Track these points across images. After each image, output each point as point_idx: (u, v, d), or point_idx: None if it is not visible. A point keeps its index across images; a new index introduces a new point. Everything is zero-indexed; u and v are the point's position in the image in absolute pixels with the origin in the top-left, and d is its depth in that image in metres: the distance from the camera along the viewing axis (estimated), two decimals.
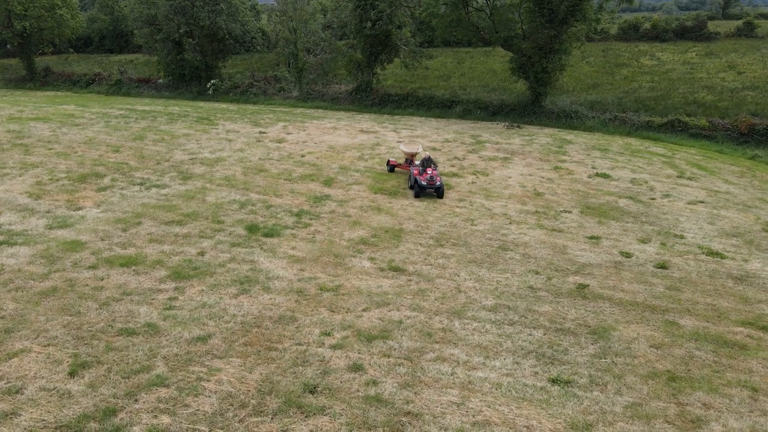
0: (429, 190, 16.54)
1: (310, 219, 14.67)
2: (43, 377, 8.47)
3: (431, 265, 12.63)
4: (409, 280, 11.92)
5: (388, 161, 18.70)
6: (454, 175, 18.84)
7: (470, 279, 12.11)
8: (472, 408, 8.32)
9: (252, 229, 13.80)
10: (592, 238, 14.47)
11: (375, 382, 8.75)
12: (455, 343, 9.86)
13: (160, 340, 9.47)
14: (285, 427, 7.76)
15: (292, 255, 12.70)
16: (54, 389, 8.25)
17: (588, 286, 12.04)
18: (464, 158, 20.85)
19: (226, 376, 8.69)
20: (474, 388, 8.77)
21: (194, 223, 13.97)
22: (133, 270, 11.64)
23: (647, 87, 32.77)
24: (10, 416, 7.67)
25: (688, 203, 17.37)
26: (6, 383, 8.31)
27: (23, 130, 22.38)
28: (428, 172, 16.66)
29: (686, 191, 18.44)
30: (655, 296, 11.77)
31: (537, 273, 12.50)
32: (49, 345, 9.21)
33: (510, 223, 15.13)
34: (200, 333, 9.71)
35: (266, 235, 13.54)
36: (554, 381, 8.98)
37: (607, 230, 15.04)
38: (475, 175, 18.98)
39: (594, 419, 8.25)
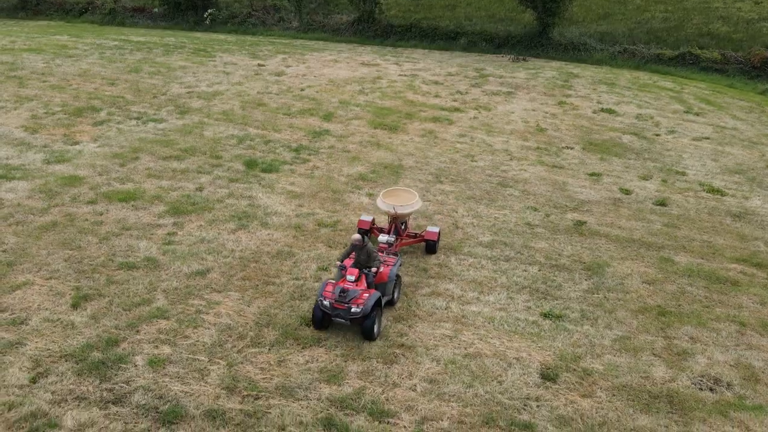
0: (338, 320, 8.35)
1: (309, 154, 14.56)
2: (46, 309, 8.69)
3: (430, 201, 12.62)
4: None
5: (360, 221, 10.67)
6: (456, 110, 18.50)
7: (468, 215, 12.13)
8: (464, 341, 8.54)
9: (250, 164, 13.73)
10: (592, 174, 14.35)
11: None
12: (450, 279, 10.00)
13: (159, 274, 9.63)
14: (282, 358, 8.01)
15: (291, 191, 12.69)
16: (58, 320, 8.48)
17: (586, 222, 12.05)
18: (467, 92, 20.41)
19: (224, 309, 8.90)
20: (467, 321, 8.97)
21: (192, 159, 13.90)
22: (132, 205, 11.69)
23: (660, 17, 31.52)
24: (15, 345, 7.93)
25: (693, 139, 17.09)
26: (11, 314, 8.54)
27: (16, 62, 21.90)
28: (348, 278, 8.48)
29: (692, 127, 18.10)
30: (652, 233, 11.80)
31: (535, 210, 12.50)
32: (51, 278, 9.39)
33: (510, 160, 14.99)
34: (199, 267, 9.86)
35: (265, 171, 13.48)
36: (546, 315, 9.16)
37: (609, 167, 14.90)
38: (477, 110, 18.64)
39: (582, 351, 8.48)
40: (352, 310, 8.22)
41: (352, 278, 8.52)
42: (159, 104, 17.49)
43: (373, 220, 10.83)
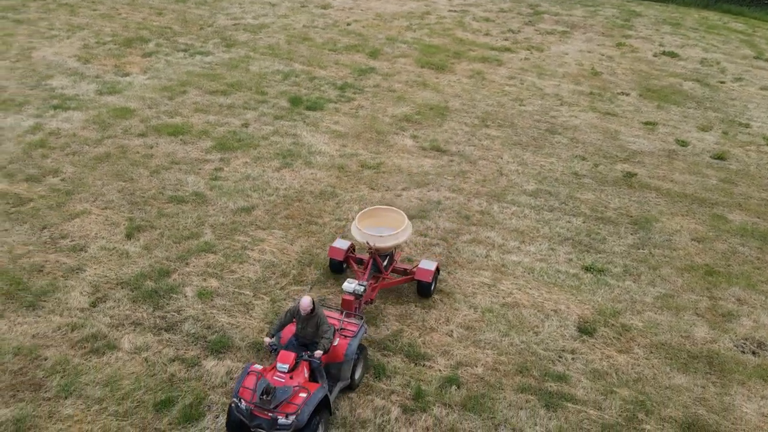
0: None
1: (354, 93, 14.37)
2: (103, 238, 9.13)
3: (474, 146, 12.39)
4: (451, 161, 11.80)
5: (331, 248, 8.46)
6: (507, 50, 17.75)
7: (513, 162, 11.88)
8: (502, 290, 8.59)
9: (295, 101, 13.68)
10: (647, 123, 13.73)
11: (410, 260, 9.05)
12: (492, 227, 9.95)
13: (207, 209, 9.92)
14: (323, 297, 8.26)
15: (335, 130, 12.65)
16: (113, 249, 8.91)
17: (636, 174, 11.65)
18: (519, 31, 19.48)
19: (268, 247, 9.16)
20: (507, 271, 8.98)
21: (238, 94, 13.93)
22: (181, 139, 11.91)
23: None
24: (76, 271, 8.42)
25: (761, 88, 16.01)
26: (71, 241, 9.02)
27: None
28: (278, 367, 6.04)
29: (762, 75, 16.91)
30: (707, 188, 11.34)
31: (584, 159, 12.13)
32: (106, 208, 9.80)
33: (561, 105, 14.44)
34: (244, 204, 10.09)
35: (309, 109, 13.43)
36: (587, 269, 9.07)
37: (666, 116, 14.19)
38: (528, 50, 17.84)
39: (622, 307, 8.42)
40: (280, 421, 5.69)
41: (285, 368, 5.93)
42: (205, 36, 17.41)
43: (351, 246, 8.43)
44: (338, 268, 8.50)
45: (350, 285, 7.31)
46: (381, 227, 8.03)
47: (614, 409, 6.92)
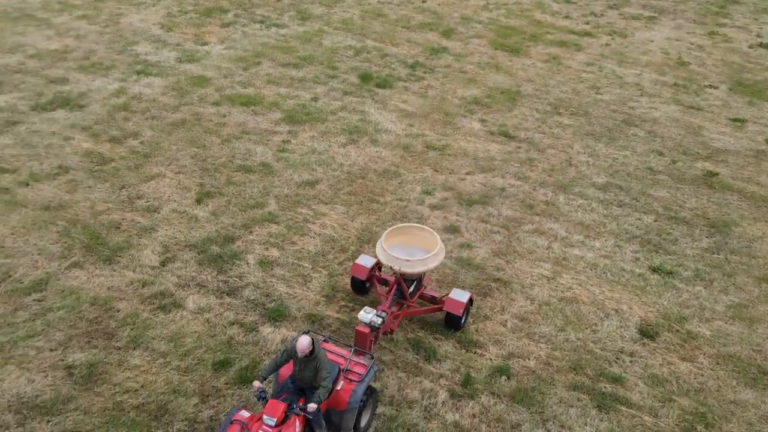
0: None
1: (424, 72, 14.21)
2: (174, 201, 9.56)
3: (544, 133, 12.02)
4: (519, 147, 11.52)
5: (355, 266, 7.76)
6: (587, 34, 16.97)
7: (584, 153, 11.45)
8: (562, 284, 8.38)
9: (365, 78, 13.68)
10: (736, 120, 12.84)
11: (469, 246, 8.97)
12: (556, 218, 9.68)
13: (273, 180, 10.17)
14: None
15: (403, 109, 12.59)
16: (184, 212, 9.32)
17: (718, 174, 10.98)
18: (602, 14, 18.56)
19: (329, 221, 9.30)
20: (568, 264, 8.74)
21: (310, 67, 14.08)
22: (252, 110, 12.20)
23: None
24: (149, 231, 8.88)
25: None
26: (146, 202, 9.50)
27: None
28: (265, 421, 5.31)
29: None
30: None
31: (661, 154, 11.52)
32: (179, 173, 10.23)
33: (641, 95, 13.72)
34: (309, 177, 10.27)
35: (378, 86, 13.41)
36: (655, 270, 8.69)
37: (758, 113, 13.22)
38: (611, 35, 16.99)
39: (690, 313, 8.03)
40: None
41: (272, 422, 5.20)
42: (282, 9, 17.62)
43: (377, 264, 7.61)
44: (361, 287, 7.74)
45: (367, 315, 6.51)
46: (411, 247, 7.24)
47: (671, 418, 6.66)
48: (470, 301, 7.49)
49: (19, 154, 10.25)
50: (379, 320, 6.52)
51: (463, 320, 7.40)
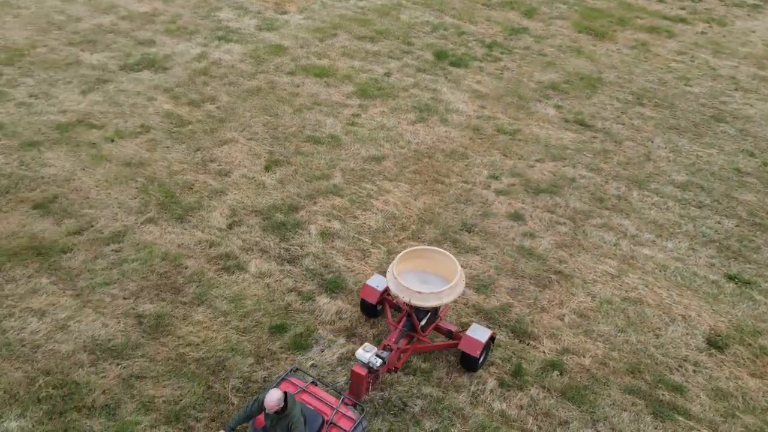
0: None
1: (502, 53, 13.81)
2: (245, 166, 9.85)
3: (623, 124, 11.46)
4: (594, 137, 11.05)
5: (365, 287, 7.10)
6: (681, 20, 15.90)
7: (665, 148, 10.85)
8: (627, 283, 8.06)
9: (440, 55, 13.46)
10: None
11: (532, 235, 8.77)
12: (628, 214, 9.27)
13: (340, 153, 10.27)
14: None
15: (476, 90, 12.33)
16: (252, 178, 9.60)
17: None
18: (700, 0, 17.30)
19: (392, 198, 9.33)
20: (635, 264, 8.38)
21: (385, 42, 14.00)
22: (325, 82, 12.31)
23: None
24: (219, 193, 9.22)
25: None
26: (218, 165, 9.84)
27: None
28: None
29: None
30: None
31: (752, 155, 10.75)
32: (251, 139, 10.52)
33: (735, 90, 12.78)
34: (376, 153, 10.30)
35: (453, 65, 13.17)
36: (731, 278, 8.19)
37: None
38: (708, 23, 15.83)
39: (766, 327, 7.54)
40: None
41: None
42: None
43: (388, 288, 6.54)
44: (371, 311, 7.06)
45: (365, 354, 5.73)
46: (426, 273, 6.46)
47: None
48: (492, 339, 6.63)
49: (107, 111, 10.83)
50: (379, 362, 5.68)
51: (480, 360, 6.59)
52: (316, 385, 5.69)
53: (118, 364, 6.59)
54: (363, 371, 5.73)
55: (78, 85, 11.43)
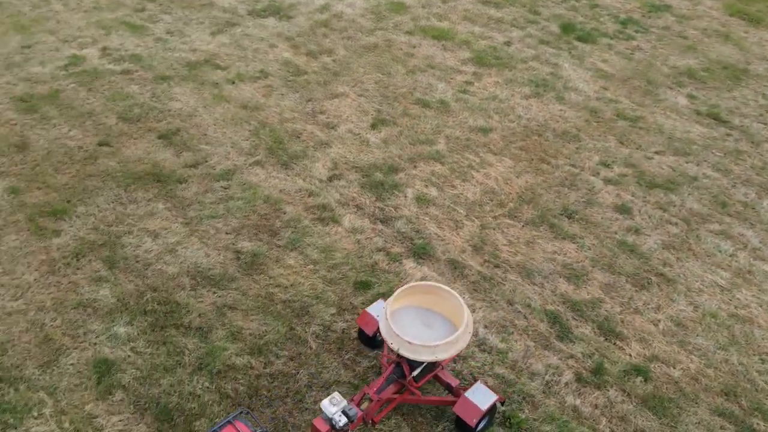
0: None
1: (636, 31, 12.77)
2: (351, 122, 10.00)
3: (765, 124, 10.29)
4: (728, 135, 10.04)
5: (362, 314, 6.29)
6: None
7: None
8: (738, 298, 7.40)
9: (566, 28, 12.70)
10: None
11: (638, 231, 8.24)
12: (752, 224, 8.42)
13: (447, 120, 10.12)
14: (532, 239, 8.06)
15: (600, 69, 11.55)
16: (358, 134, 9.74)
17: None
18: None
19: (494, 173, 9.10)
20: (752, 279, 7.65)
21: (510, 9, 13.41)
22: (442, 45, 12.07)
23: None
24: (324, 145, 9.46)
25: None
26: (326, 117, 10.07)
27: None
28: None
29: None
30: None
31: None
32: (361, 96, 10.62)
33: None
34: (483, 124, 10.04)
35: (579, 39, 12.39)
36: None
37: None
38: None
39: None
40: None
41: None
42: None
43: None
44: (369, 342, 6.35)
45: (331, 408, 4.85)
46: (431, 313, 5.58)
47: None
48: (496, 404, 5.55)
49: (232, 54, 11.36)
50: (343, 421, 4.79)
51: (479, 428, 5.59)
52: None
53: (214, 293, 7.11)
54: (324, 428, 4.85)
55: (209, 26, 12.05)
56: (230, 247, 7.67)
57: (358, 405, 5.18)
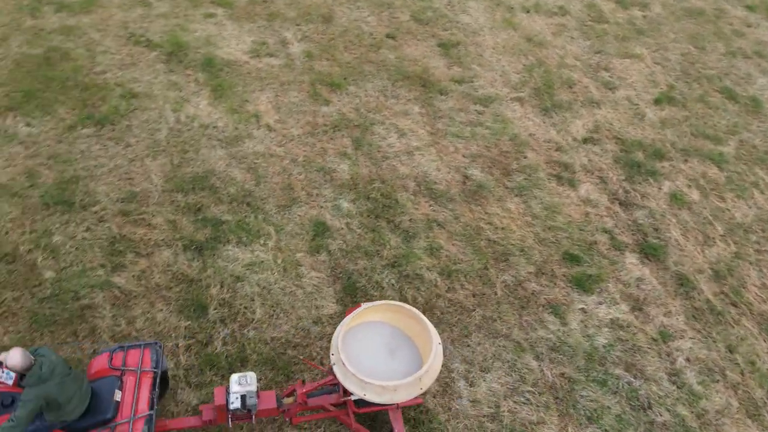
0: None
1: None
2: (634, 89, 9.00)
3: None
4: None
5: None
6: None
7: None
8: None
9: None
10: None
11: None
12: None
13: (750, 121, 8.49)
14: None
15: None
16: (636, 105, 8.75)
17: None
18: None
19: None
20: None
21: None
22: None
23: None
24: (593, 104, 8.71)
25: None
26: (609, 76, 9.19)
27: None
28: None
29: None
30: None
31: None
32: (658, 64, 9.41)
33: None
34: None
35: None
36: None
37: None
38: None
39: None
40: None
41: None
42: None
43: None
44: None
45: (235, 386, 4.49)
46: (399, 334, 4.67)
47: None
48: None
49: None
50: (235, 405, 4.40)
51: None
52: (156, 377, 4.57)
53: (430, 206, 7.39)
54: (220, 400, 4.48)
55: None
56: (461, 170, 7.78)
57: (284, 397, 4.73)
